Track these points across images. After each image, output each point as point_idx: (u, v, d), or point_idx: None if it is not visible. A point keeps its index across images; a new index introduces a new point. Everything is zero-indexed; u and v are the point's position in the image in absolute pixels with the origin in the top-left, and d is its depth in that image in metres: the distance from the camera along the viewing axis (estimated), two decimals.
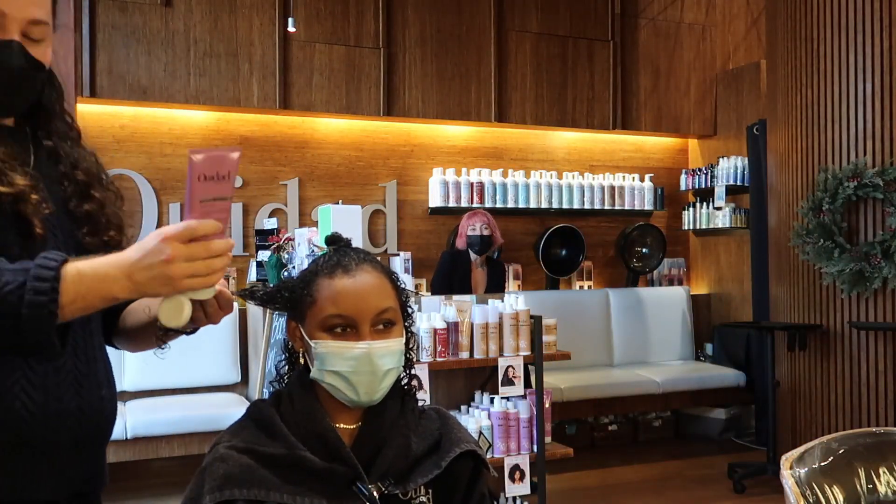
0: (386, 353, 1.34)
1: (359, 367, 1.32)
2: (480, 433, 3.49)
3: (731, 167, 6.23)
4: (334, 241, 1.44)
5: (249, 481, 1.26)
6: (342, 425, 1.36)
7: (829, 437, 1.94)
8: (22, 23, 1.29)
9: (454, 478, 1.38)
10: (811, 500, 1.77)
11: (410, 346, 1.44)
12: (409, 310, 1.44)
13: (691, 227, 6.63)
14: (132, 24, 5.05)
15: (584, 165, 6.46)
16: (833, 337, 4.71)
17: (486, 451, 3.47)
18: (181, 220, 1.15)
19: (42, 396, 1.25)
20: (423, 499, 1.36)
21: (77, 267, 1.14)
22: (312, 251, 3.32)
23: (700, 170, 6.57)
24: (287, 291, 1.39)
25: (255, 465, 1.28)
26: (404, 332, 1.41)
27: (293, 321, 1.40)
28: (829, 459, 1.87)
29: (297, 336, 1.40)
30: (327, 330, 1.34)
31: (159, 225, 5.26)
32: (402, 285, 1.43)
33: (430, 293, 4.98)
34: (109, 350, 1.48)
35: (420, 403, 1.47)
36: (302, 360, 1.40)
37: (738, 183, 6.20)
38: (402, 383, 1.44)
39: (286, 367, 1.44)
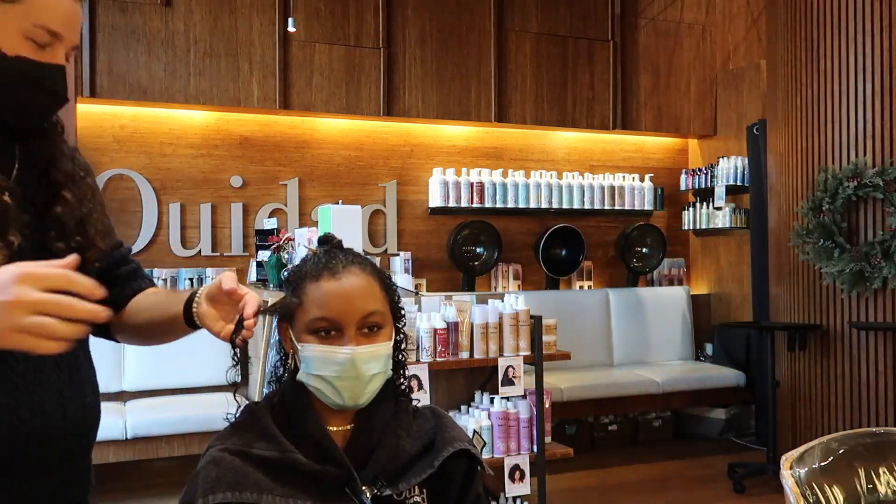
0: (370, 358, 1.33)
1: (343, 372, 1.32)
2: (475, 432, 3.49)
3: (731, 167, 6.23)
4: (325, 241, 1.43)
5: (242, 484, 1.25)
6: (335, 427, 1.36)
7: (829, 437, 1.93)
8: (69, 48, 1.27)
9: (448, 477, 1.38)
10: (811, 500, 1.77)
11: (402, 347, 1.43)
12: (401, 312, 1.43)
13: (691, 227, 6.62)
14: (132, 24, 5.05)
15: (584, 165, 6.46)
16: (833, 337, 4.71)
17: (481, 449, 3.46)
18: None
19: (27, 413, 1.20)
20: (418, 499, 1.35)
21: None
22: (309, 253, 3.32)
23: (700, 170, 6.57)
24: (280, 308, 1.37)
25: (248, 468, 1.27)
26: (393, 335, 1.39)
27: (283, 322, 1.40)
28: (829, 459, 1.86)
29: (287, 338, 1.39)
30: (313, 333, 1.33)
31: (159, 224, 5.27)
32: (394, 287, 1.42)
33: None
34: (107, 349, 1.44)
35: (415, 403, 1.47)
36: (292, 363, 1.40)
37: (738, 183, 6.20)
38: (397, 384, 1.44)
39: (281, 369, 1.44)
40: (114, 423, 4.31)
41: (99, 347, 1.44)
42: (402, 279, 4.50)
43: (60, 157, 1.33)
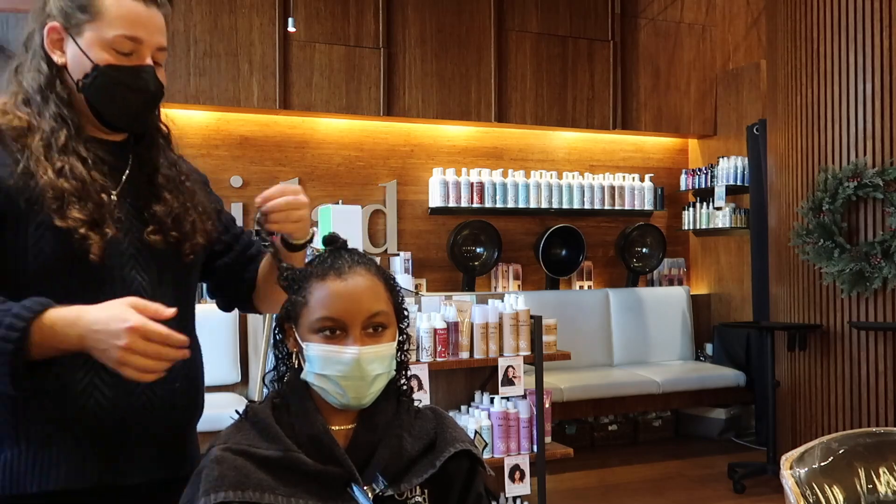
0: (375, 358, 1.34)
1: (348, 371, 1.32)
2: (476, 433, 3.49)
3: (731, 167, 6.23)
4: (331, 241, 1.44)
5: (244, 483, 1.26)
6: (337, 427, 1.36)
7: (829, 437, 1.94)
8: (152, 49, 1.45)
9: (450, 477, 1.38)
10: (811, 500, 1.77)
11: (405, 348, 1.44)
12: (405, 312, 1.43)
13: (691, 227, 6.63)
14: None
15: (584, 165, 6.46)
16: (833, 337, 4.71)
17: (483, 450, 3.47)
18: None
19: (112, 392, 1.39)
20: (419, 499, 1.35)
21: (52, 318, 1.26)
22: (312, 252, 3.32)
23: (700, 170, 6.57)
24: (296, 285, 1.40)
25: (250, 467, 1.28)
26: (397, 336, 1.40)
27: (287, 322, 1.40)
28: (829, 459, 1.87)
29: (291, 337, 1.40)
30: (318, 332, 1.34)
31: None
32: (398, 288, 1.43)
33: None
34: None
35: (417, 403, 1.47)
36: (296, 362, 1.40)
37: (738, 183, 6.20)
38: (399, 384, 1.44)
39: (283, 368, 1.44)
40: None
41: None
42: (403, 279, 4.50)
43: (165, 163, 1.54)
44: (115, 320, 1.24)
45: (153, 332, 1.23)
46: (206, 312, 1.78)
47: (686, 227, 6.67)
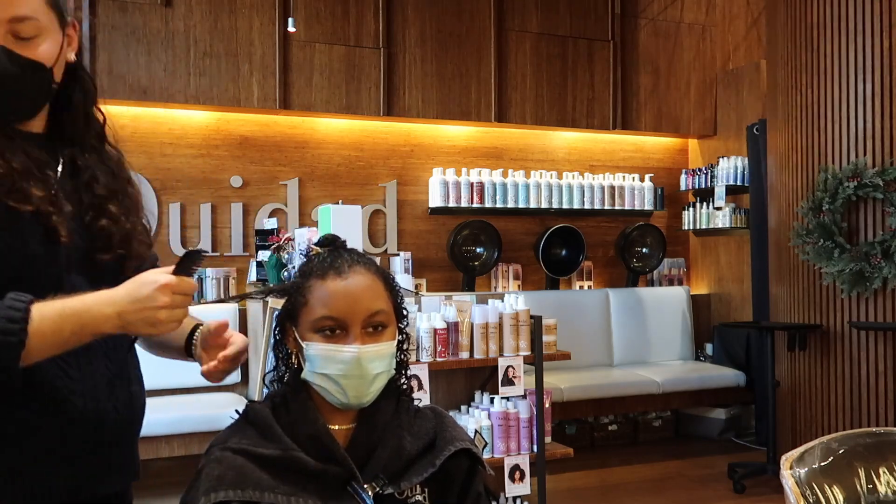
0: (376, 357, 1.34)
1: (348, 370, 1.32)
2: (476, 432, 3.49)
3: (731, 167, 6.23)
4: (329, 242, 1.44)
5: (244, 482, 1.26)
6: (337, 426, 1.37)
7: (829, 437, 1.93)
8: (4, 23, 1.24)
9: (450, 476, 1.39)
10: (811, 500, 1.77)
11: (404, 347, 1.44)
12: (404, 311, 1.44)
13: (691, 227, 6.62)
14: (132, 24, 5.05)
15: (584, 165, 6.46)
16: (833, 337, 4.71)
17: (482, 449, 3.47)
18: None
19: (81, 400, 1.31)
20: (419, 498, 1.36)
21: (62, 305, 1.19)
22: (309, 252, 3.32)
23: (700, 170, 6.57)
24: (281, 291, 1.41)
25: (250, 467, 1.28)
26: (397, 335, 1.40)
27: (287, 322, 1.40)
28: (829, 459, 1.87)
29: (290, 336, 1.40)
30: (318, 331, 1.34)
31: (159, 224, 5.27)
32: (398, 287, 1.43)
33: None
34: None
35: (416, 403, 1.47)
36: (296, 361, 1.40)
37: (738, 183, 6.20)
38: (399, 383, 1.44)
39: (283, 368, 1.44)
40: None
41: None
42: (402, 279, 4.50)
43: (103, 168, 1.42)
44: (145, 286, 1.21)
45: (180, 287, 1.22)
46: (206, 312, 1.79)
47: (686, 227, 6.67)
